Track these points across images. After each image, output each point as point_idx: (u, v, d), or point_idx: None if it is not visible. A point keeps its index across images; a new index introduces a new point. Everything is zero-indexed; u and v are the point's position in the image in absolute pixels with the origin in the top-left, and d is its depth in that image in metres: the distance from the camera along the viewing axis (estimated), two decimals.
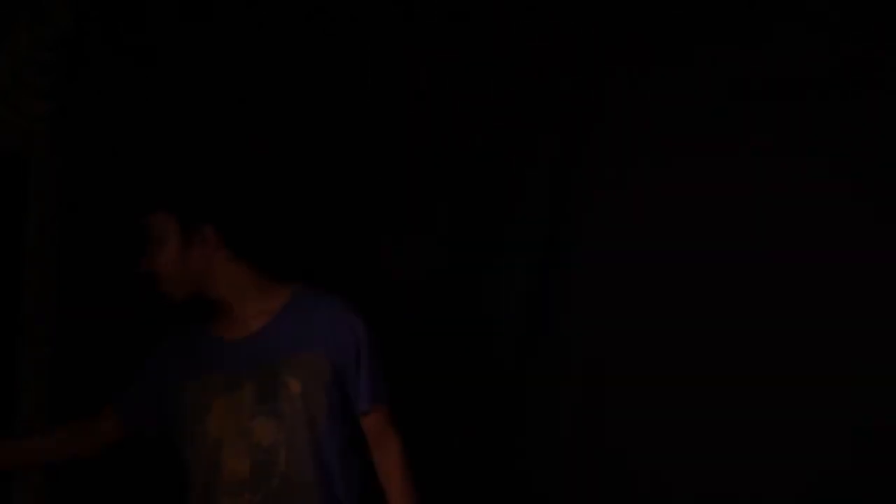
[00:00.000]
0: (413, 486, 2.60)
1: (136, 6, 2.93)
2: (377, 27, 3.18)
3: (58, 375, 2.71)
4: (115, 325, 2.89)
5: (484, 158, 3.22)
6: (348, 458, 2.58)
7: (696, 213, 3.10)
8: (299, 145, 3.14)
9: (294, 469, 2.53)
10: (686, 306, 3.09)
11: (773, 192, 3.05)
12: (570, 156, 3.20)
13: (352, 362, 2.59)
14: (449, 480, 2.93)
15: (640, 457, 3.09)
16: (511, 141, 3.21)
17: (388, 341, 2.66)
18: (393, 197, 3.21)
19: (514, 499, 3.16)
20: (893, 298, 2.97)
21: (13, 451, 2.60)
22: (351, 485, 2.57)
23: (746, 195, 3.06)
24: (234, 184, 2.86)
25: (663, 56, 3.14)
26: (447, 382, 3.16)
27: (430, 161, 3.20)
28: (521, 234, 3.22)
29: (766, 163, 3.07)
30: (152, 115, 2.97)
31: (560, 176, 3.20)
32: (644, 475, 3.08)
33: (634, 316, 3.12)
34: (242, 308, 2.64)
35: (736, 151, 3.09)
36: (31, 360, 2.69)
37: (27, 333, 2.69)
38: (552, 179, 3.20)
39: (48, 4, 2.74)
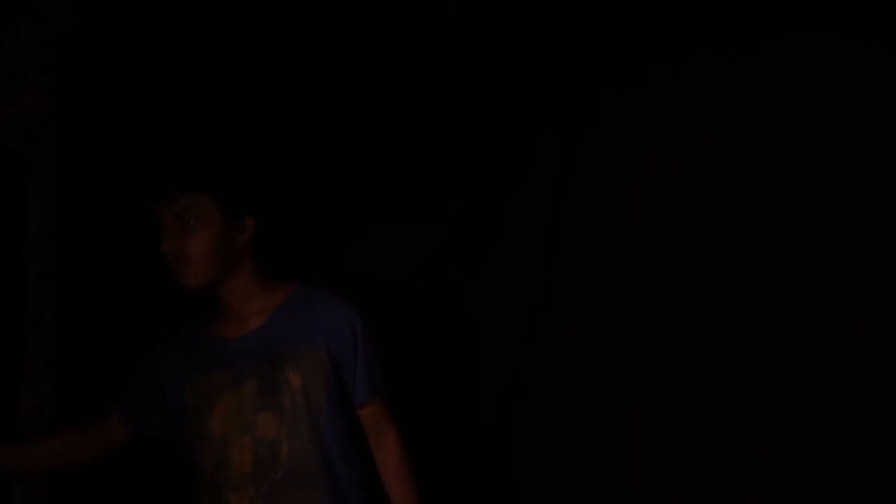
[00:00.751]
0: (411, 476, 2.62)
1: (136, 5, 2.94)
2: (377, 29, 3.18)
3: (58, 375, 2.71)
4: (115, 324, 2.90)
5: (483, 158, 3.22)
6: (349, 447, 2.60)
7: (697, 215, 3.10)
8: (306, 144, 3.15)
9: (296, 460, 2.54)
10: (686, 309, 3.09)
11: (774, 193, 3.05)
12: (570, 156, 3.21)
13: (349, 355, 2.61)
14: (444, 481, 2.93)
15: (640, 458, 3.10)
16: (511, 141, 3.21)
17: (385, 341, 2.68)
18: (391, 197, 3.21)
19: (511, 499, 3.17)
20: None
21: (17, 457, 2.59)
22: (353, 474, 2.59)
23: (747, 196, 3.07)
24: (278, 180, 2.90)
25: (662, 57, 3.15)
26: (443, 384, 3.16)
27: (429, 161, 3.20)
28: (520, 234, 3.22)
29: (766, 163, 3.07)
30: (153, 113, 2.97)
31: (560, 176, 3.20)
32: (643, 479, 3.08)
33: (634, 318, 3.13)
34: (245, 306, 2.64)
35: (736, 152, 3.09)
36: (32, 359, 2.69)
37: (27, 333, 2.68)
38: (552, 180, 3.20)
39: (48, 4, 2.74)
